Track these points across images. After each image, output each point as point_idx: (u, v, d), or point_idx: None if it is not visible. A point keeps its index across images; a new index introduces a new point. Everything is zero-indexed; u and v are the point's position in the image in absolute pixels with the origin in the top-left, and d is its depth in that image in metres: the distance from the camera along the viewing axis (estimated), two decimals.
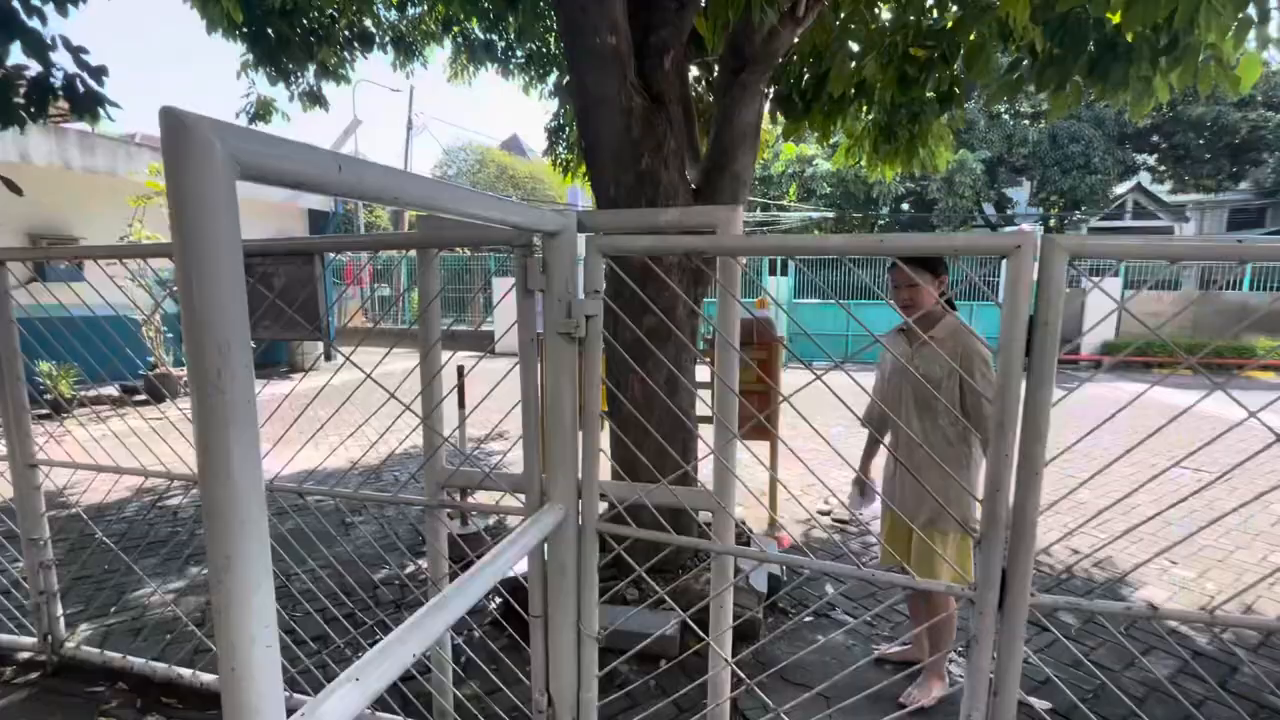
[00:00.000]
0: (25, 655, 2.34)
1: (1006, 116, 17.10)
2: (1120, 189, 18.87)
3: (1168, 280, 13.70)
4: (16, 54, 2.60)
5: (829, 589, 2.90)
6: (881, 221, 18.01)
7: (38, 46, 2.55)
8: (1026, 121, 17.03)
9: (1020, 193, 19.00)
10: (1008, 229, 14.81)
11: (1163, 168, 18.28)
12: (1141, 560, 1.82)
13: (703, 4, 2.65)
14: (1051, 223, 18.06)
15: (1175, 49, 2.91)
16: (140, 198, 7.36)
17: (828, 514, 3.96)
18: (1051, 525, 3.74)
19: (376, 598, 2.81)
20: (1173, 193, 19.73)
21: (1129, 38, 2.86)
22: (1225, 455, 5.03)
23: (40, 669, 2.27)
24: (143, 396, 7.58)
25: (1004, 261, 1.22)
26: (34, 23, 2.57)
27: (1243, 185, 18.74)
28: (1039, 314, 1.19)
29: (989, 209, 18.86)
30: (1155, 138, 17.46)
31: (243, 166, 0.65)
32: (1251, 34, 2.93)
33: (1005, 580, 1.28)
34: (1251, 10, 2.78)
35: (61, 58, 2.66)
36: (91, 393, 7.20)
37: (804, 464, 1.59)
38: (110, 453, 2.22)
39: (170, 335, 7.85)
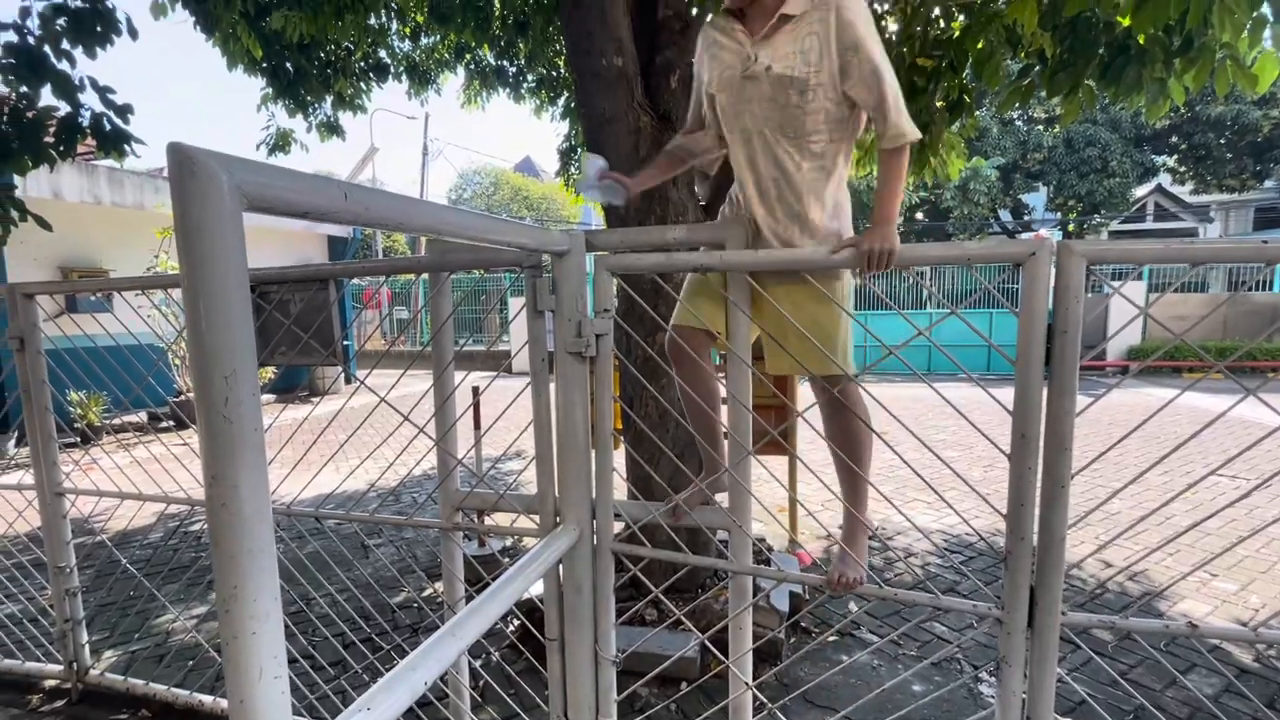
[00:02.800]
0: (51, 683, 2.36)
1: (1020, 123, 17.00)
2: (1140, 191, 18.60)
3: (1194, 282, 13.42)
4: (46, 95, 2.70)
5: (853, 607, 2.84)
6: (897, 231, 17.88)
7: (67, 88, 2.65)
8: (1040, 127, 16.90)
9: (1037, 198, 18.81)
10: (1025, 235, 14.64)
11: (1183, 168, 17.98)
12: (1180, 574, 1.75)
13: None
14: (1070, 227, 17.82)
15: (1189, 50, 2.87)
16: (166, 229, 7.57)
17: None
18: (1083, 538, 3.63)
19: (394, 621, 2.80)
20: (1194, 193, 19.39)
21: (1140, 40, 2.83)
22: (1264, 462, 4.87)
23: (65, 697, 2.29)
24: (168, 423, 7.73)
25: (1020, 269, 1.19)
26: (63, 65, 2.67)
27: (1268, 184, 18.35)
28: (1057, 322, 1.17)
29: (1005, 215, 18.67)
30: (1174, 138, 17.21)
31: (249, 198, 0.66)
32: (1268, 32, 2.88)
33: (1034, 598, 1.24)
34: (1266, 9, 2.74)
35: (89, 98, 2.76)
36: (118, 420, 7.37)
37: (821, 481, 1.57)
38: (134, 480, 2.25)
39: None
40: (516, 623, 2.62)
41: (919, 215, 17.80)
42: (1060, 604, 1.22)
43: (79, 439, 6.62)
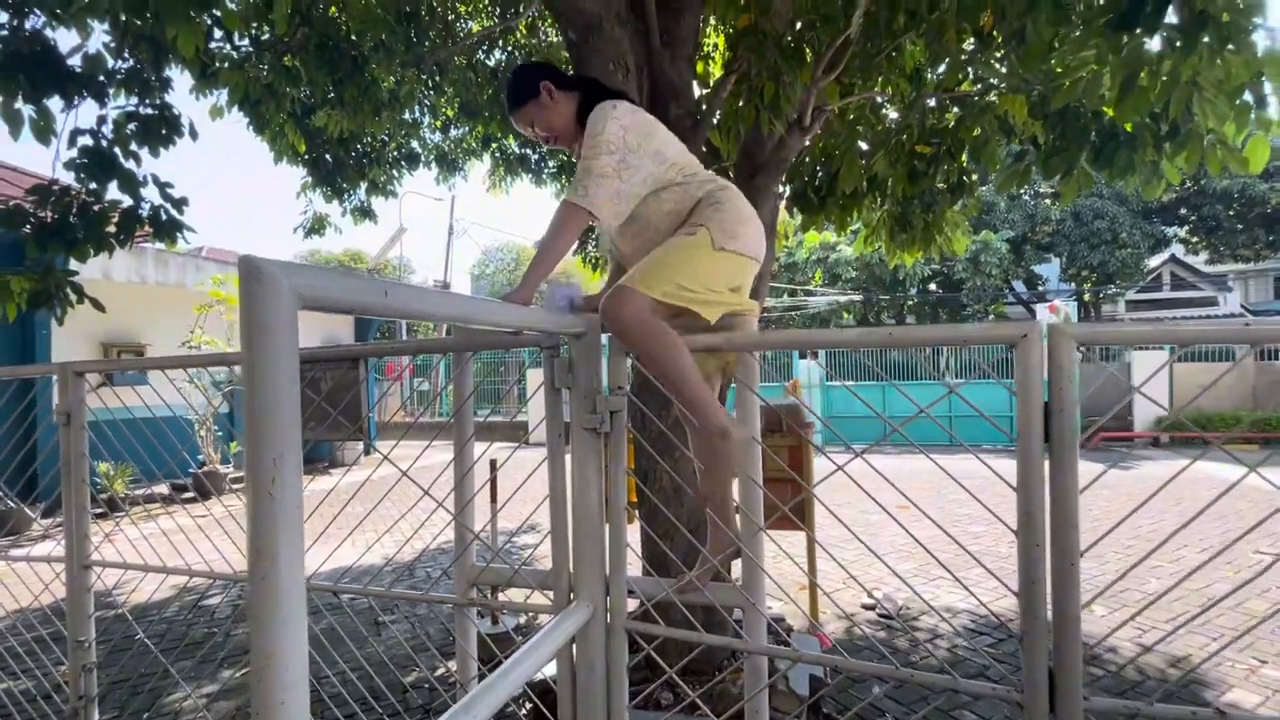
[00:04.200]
0: None
1: (1027, 196, 17.41)
2: (1154, 261, 18.69)
3: (1220, 350, 13.23)
4: (112, 189, 2.96)
5: (876, 690, 2.72)
6: (909, 303, 18.06)
7: (132, 184, 2.91)
8: (1048, 201, 17.27)
9: (1051, 269, 18.98)
10: (1039, 305, 14.68)
11: (1195, 239, 18.12)
12: (1224, 661, 1.68)
13: (716, 119, 2.89)
14: (1086, 297, 17.86)
15: (1177, 135, 3.01)
16: (203, 305, 7.94)
17: (872, 608, 3.76)
18: (1121, 619, 3.47)
19: (406, 702, 2.74)
20: (1210, 263, 19.44)
21: (1128, 127, 2.97)
22: None
23: None
24: (191, 494, 7.82)
25: (1014, 350, 1.25)
26: (130, 164, 2.94)
27: None
28: (1053, 401, 1.20)
29: (1020, 286, 18.81)
30: (1183, 210, 17.46)
31: (304, 299, 0.75)
32: (1253, 115, 3.01)
33: (1054, 681, 1.21)
34: (1248, 96, 2.88)
35: (149, 191, 3.02)
36: (144, 491, 7.47)
37: (834, 558, 1.57)
38: (157, 550, 2.30)
39: (221, 434, 8.19)
40: (529, 705, 2.55)
41: (932, 286, 18.01)
42: (1081, 687, 1.20)
43: (105, 510, 6.73)
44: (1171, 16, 2.30)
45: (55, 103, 2.59)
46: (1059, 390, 1.20)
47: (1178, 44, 2.39)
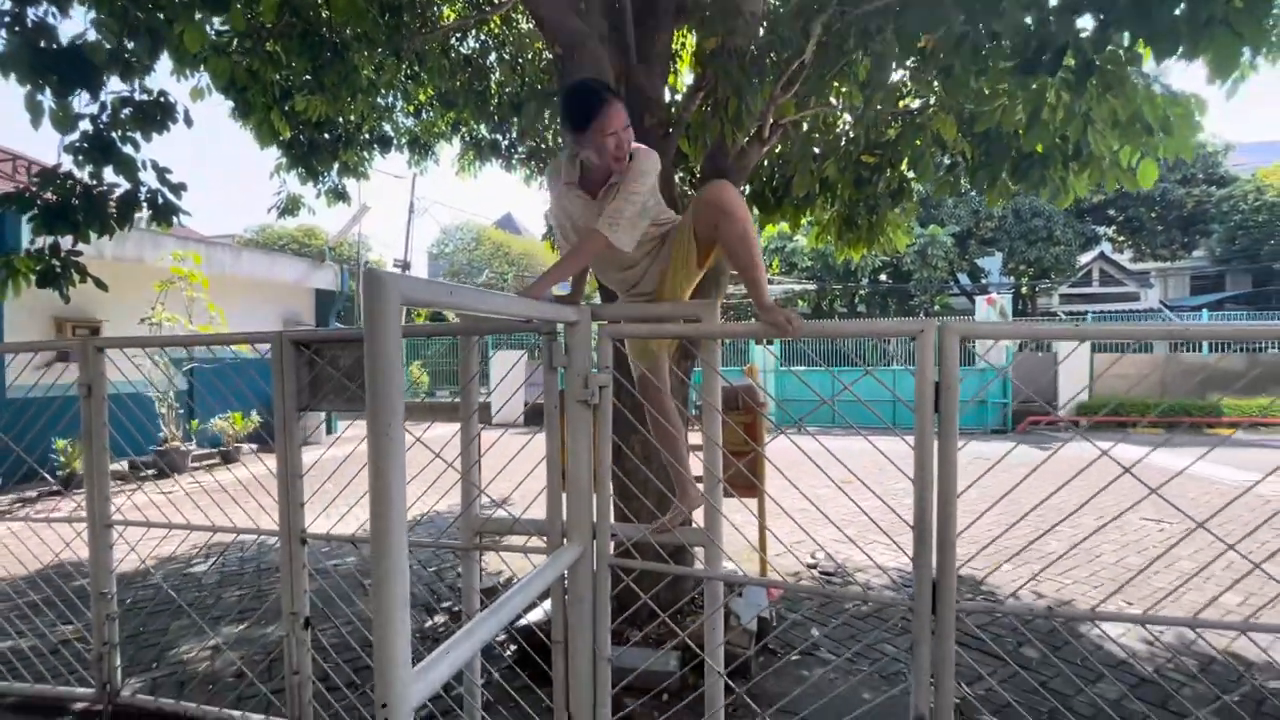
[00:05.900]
0: (81, 705, 2.55)
1: (973, 193, 18.37)
2: (1085, 258, 20.00)
3: (1141, 344, 14.40)
4: (110, 174, 3.09)
5: (814, 632, 3.16)
6: (861, 292, 18.86)
7: (129, 169, 3.04)
8: None
9: (993, 262, 20.08)
10: (980, 297, 15.62)
11: (1121, 238, 19.45)
12: (1098, 601, 2.13)
13: (685, 130, 3.20)
14: (1024, 290, 19.00)
15: (1080, 156, 3.49)
16: (164, 282, 7.83)
17: (814, 567, 4.23)
18: (1020, 575, 4.03)
19: None
20: (1133, 261, 20.88)
21: (1039, 149, 3.43)
22: (1190, 509, 5.37)
23: (96, 718, 2.48)
24: (150, 472, 7.76)
25: (915, 341, 1.63)
26: (127, 149, 3.07)
27: (1197, 253, 19.91)
28: (942, 380, 1.59)
29: (964, 278, 19.85)
30: (1111, 211, 18.71)
31: (405, 299, 1.05)
32: (1144, 142, 3.51)
33: (936, 592, 1.61)
34: (1138, 125, 3.36)
35: (147, 175, 3.15)
36: None
37: (791, 517, 1.94)
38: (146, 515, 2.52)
39: (182, 412, 8.14)
40: (514, 647, 2.88)
41: (883, 277, 18.85)
42: (955, 595, 1.60)
43: (61, 488, 6.67)
44: (1070, 61, 2.72)
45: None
46: (947, 372, 1.59)
47: (1072, 85, 2.83)
